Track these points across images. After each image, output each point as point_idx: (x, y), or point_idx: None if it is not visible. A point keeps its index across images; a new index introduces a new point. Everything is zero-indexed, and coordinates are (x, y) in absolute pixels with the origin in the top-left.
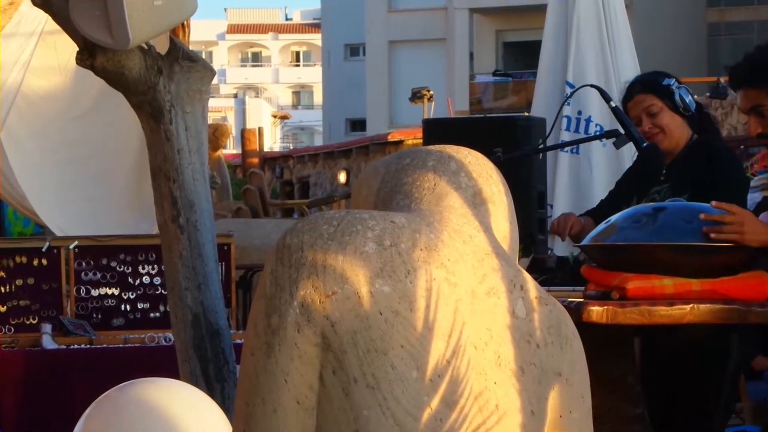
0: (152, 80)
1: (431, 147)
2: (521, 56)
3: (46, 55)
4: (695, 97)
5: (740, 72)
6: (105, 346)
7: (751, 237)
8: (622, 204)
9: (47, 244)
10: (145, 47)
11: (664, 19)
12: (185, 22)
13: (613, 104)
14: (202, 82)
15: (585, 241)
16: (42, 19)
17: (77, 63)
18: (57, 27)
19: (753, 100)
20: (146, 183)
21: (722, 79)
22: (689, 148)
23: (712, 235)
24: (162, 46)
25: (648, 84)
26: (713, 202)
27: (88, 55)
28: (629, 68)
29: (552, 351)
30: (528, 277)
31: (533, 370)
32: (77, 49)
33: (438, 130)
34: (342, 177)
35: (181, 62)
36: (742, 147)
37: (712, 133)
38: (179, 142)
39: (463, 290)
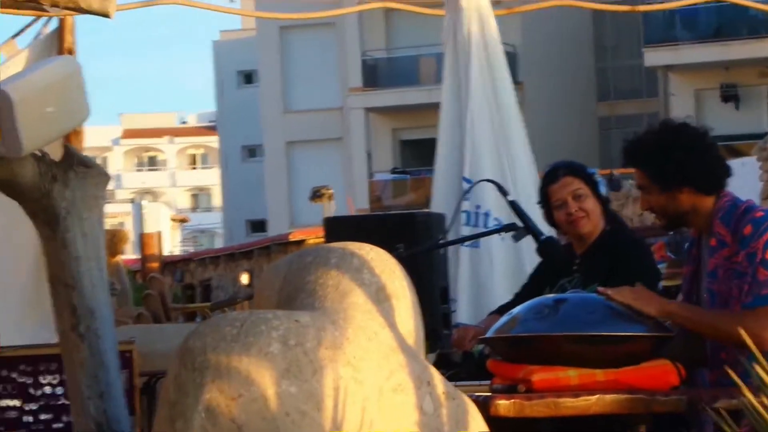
0: (47, 187)
1: (333, 244)
2: (418, 154)
3: None
4: None
5: (623, 152)
6: None
7: (642, 302)
8: (537, 295)
9: None
10: (39, 154)
11: (557, 114)
12: (79, 128)
13: (510, 198)
14: (98, 187)
15: (488, 334)
16: None
17: None
18: None
19: (638, 178)
20: (44, 291)
21: (616, 171)
22: (602, 239)
23: (609, 293)
24: (56, 153)
25: (575, 168)
26: (599, 289)
27: None
28: (524, 163)
29: None
30: (435, 373)
31: None
32: None
33: (339, 228)
34: (244, 278)
35: (76, 168)
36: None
37: (620, 224)
38: (76, 249)
39: (370, 388)
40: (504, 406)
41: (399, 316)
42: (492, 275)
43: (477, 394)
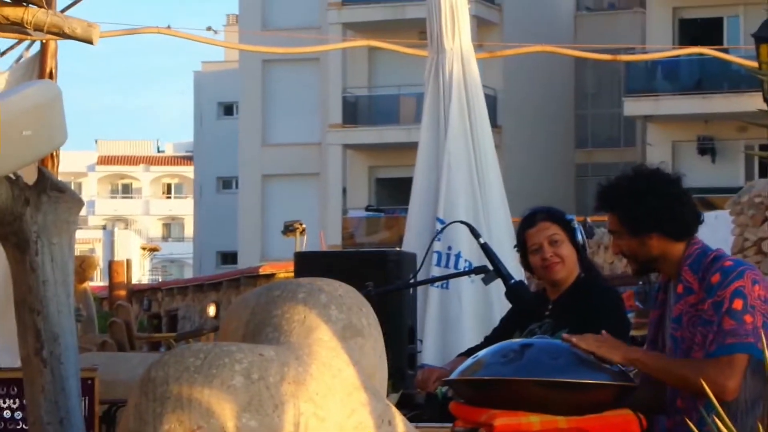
0: (18, 210)
1: (302, 279)
2: (393, 192)
3: None
4: None
5: (597, 196)
6: None
7: (606, 349)
8: (506, 338)
9: None
10: (13, 177)
11: (534, 159)
12: (54, 153)
13: (482, 241)
14: (70, 212)
15: (452, 376)
16: None
17: None
18: None
19: (610, 223)
20: (9, 316)
21: (589, 219)
22: (576, 285)
23: (573, 340)
24: (30, 176)
25: (553, 214)
26: (563, 335)
27: None
28: (498, 206)
29: None
30: (396, 412)
31: None
32: None
33: (310, 263)
34: (211, 310)
35: (49, 193)
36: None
37: (594, 272)
38: (44, 273)
39: (331, 425)
40: None
41: (363, 355)
42: (460, 317)
43: None
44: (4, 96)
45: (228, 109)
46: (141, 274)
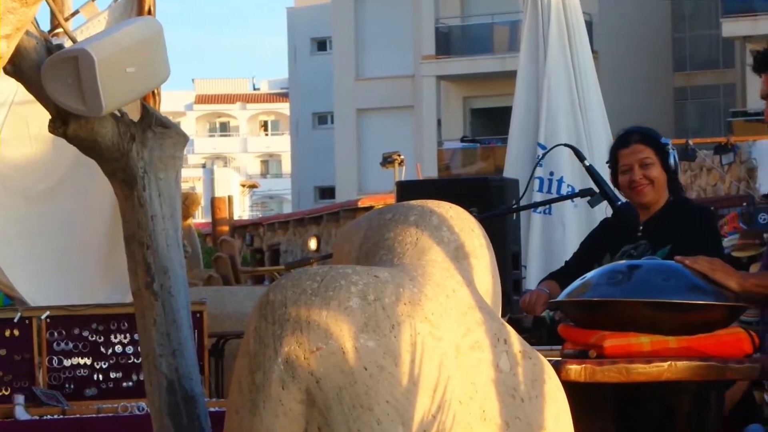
0: (125, 147)
1: (413, 202)
2: (489, 122)
3: (16, 127)
4: None
5: (764, 57)
6: (78, 416)
7: (721, 275)
8: (592, 263)
9: (18, 314)
10: (118, 114)
11: (632, 84)
12: (156, 90)
13: (587, 163)
14: (176, 148)
15: (560, 297)
16: (12, 90)
17: (49, 131)
18: (27, 98)
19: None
20: (118, 253)
21: (691, 142)
22: (667, 207)
23: (687, 262)
24: (134, 113)
25: (648, 136)
26: (676, 257)
27: (61, 122)
28: (600, 129)
29: (537, 405)
30: (512, 331)
31: (518, 424)
32: (48, 118)
33: (412, 192)
34: (312, 244)
35: (154, 128)
36: (711, 209)
37: (685, 198)
38: (152, 208)
39: (447, 344)
40: (575, 371)
41: (477, 275)
42: (564, 242)
43: (548, 359)
44: (106, 34)
45: (321, 45)
46: (241, 210)
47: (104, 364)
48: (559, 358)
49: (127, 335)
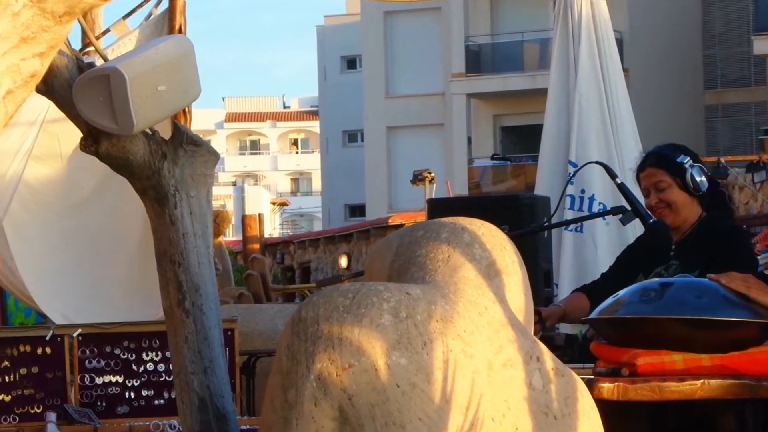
0: (156, 165)
1: (444, 219)
2: (519, 140)
3: (47, 144)
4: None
5: None
6: None
7: (756, 292)
8: (625, 280)
9: (51, 332)
10: (149, 132)
11: (662, 101)
12: (187, 108)
13: (618, 181)
14: (206, 165)
15: (593, 315)
16: (43, 108)
17: (81, 149)
18: (58, 115)
19: None
20: (150, 268)
21: (722, 160)
22: (699, 226)
23: (722, 281)
24: (165, 131)
25: (661, 159)
26: (709, 275)
27: (93, 141)
28: (632, 146)
29: (570, 423)
30: (544, 348)
31: None
32: (80, 136)
33: (442, 210)
34: (343, 261)
35: (185, 146)
36: (744, 227)
37: (725, 211)
38: (184, 226)
39: (479, 362)
40: (607, 389)
41: (509, 292)
42: (595, 260)
43: (580, 377)
44: (137, 52)
45: (351, 63)
46: (272, 228)
47: (136, 381)
48: (592, 377)
49: (159, 353)
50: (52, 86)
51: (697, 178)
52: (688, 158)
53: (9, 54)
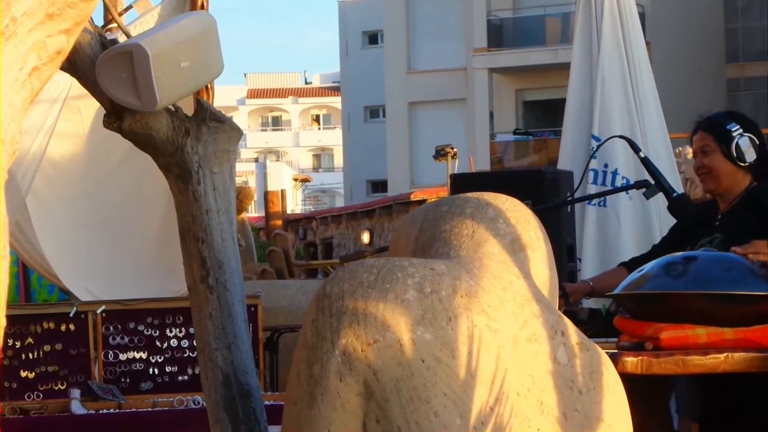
0: (180, 141)
1: (468, 194)
2: (541, 114)
3: (70, 120)
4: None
5: None
6: (134, 410)
7: None
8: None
9: (74, 309)
10: (172, 109)
11: (684, 75)
12: (209, 85)
13: (642, 155)
14: (230, 142)
15: (617, 291)
16: (66, 84)
17: (104, 126)
18: (81, 92)
19: None
20: (174, 244)
21: None
22: (745, 196)
23: (750, 256)
24: (188, 108)
25: (712, 124)
26: (733, 248)
27: (116, 117)
28: (655, 120)
29: (595, 397)
30: (569, 323)
31: (576, 416)
32: (103, 112)
33: (465, 185)
34: (365, 237)
35: (209, 123)
36: None
37: None
38: (207, 202)
39: (504, 337)
40: (631, 363)
41: (533, 267)
42: (619, 234)
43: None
44: (160, 28)
45: (373, 38)
46: (294, 204)
47: (160, 358)
48: (615, 351)
49: (183, 329)
50: (75, 63)
51: (743, 148)
52: (738, 127)
53: (35, 30)
